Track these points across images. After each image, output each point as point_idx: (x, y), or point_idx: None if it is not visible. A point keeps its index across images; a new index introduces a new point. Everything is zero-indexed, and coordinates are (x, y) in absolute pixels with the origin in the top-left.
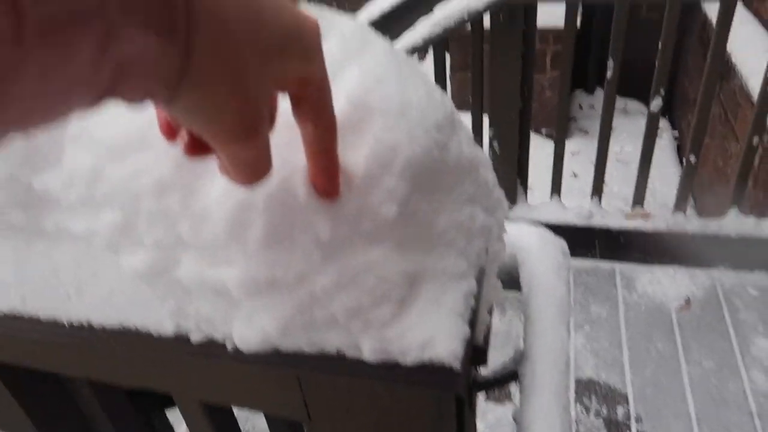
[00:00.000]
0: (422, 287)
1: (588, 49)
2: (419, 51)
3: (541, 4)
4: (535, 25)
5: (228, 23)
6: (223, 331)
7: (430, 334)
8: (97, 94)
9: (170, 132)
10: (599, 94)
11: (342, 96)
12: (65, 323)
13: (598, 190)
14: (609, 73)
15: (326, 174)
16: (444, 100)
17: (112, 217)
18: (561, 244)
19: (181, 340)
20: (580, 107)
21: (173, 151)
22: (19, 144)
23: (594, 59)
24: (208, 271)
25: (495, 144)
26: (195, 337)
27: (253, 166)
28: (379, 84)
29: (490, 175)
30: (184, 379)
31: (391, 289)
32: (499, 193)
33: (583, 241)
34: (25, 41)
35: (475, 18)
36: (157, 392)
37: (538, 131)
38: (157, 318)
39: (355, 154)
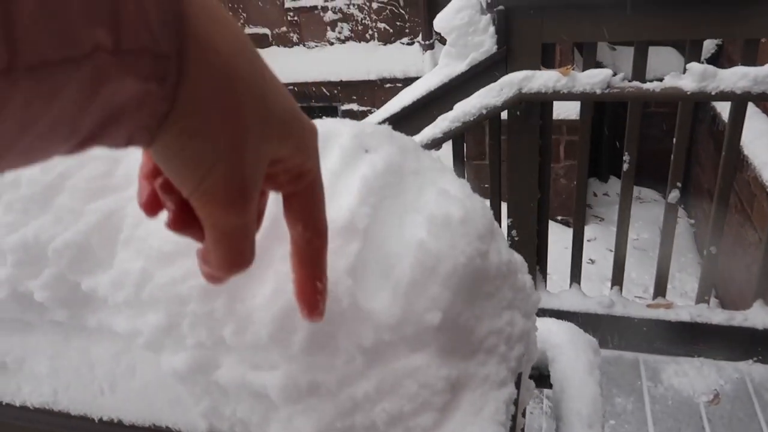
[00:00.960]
0: (464, 394)
1: (600, 138)
2: (437, 143)
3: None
4: (551, 119)
5: (234, 81)
6: None
7: None
8: (79, 138)
9: (153, 205)
10: (612, 182)
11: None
12: (95, 419)
13: (618, 280)
14: (625, 167)
15: (312, 287)
16: (484, 210)
17: (156, 318)
18: (592, 342)
19: None
20: (594, 195)
21: None
22: (72, 246)
23: (606, 148)
24: (249, 374)
25: (514, 233)
26: None
27: (236, 244)
28: (424, 197)
29: (527, 279)
30: None
31: (434, 395)
32: (536, 296)
33: (604, 330)
34: (13, 73)
35: (494, 113)
36: None
37: (552, 218)
38: (190, 418)
39: (404, 260)
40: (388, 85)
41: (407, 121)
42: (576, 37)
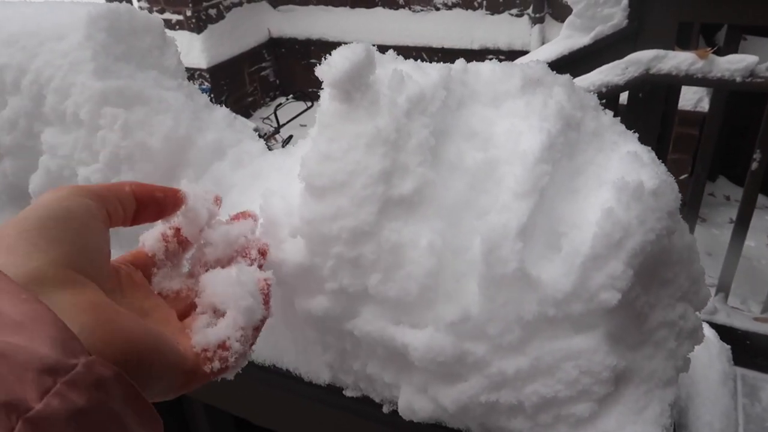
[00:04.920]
0: (627, 389)
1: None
2: None
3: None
4: (676, 106)
5: None
6: (382, 394)
7: None
8: None
9: None
10: (721, 183)
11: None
12: None
13: (725, 287)
14: (754, 165)
15: None
16: (673, 182)
17: (298, 256)
18: (725, 349)
19: (333, 392)
20: None
21: (376, 199)
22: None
23: (719, 145)
24: (390, 329)
25: None
26: (350, 393)
27: None
28: (606, 160)
29: (701, 270)
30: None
31: (595, 385)
32: (706, 291)
33: None
34: None
35: (614, 93)
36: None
37: None
38: (315, 366)
39: (579, 228)
40: (490, 57)
41: None
42: (722, 18)
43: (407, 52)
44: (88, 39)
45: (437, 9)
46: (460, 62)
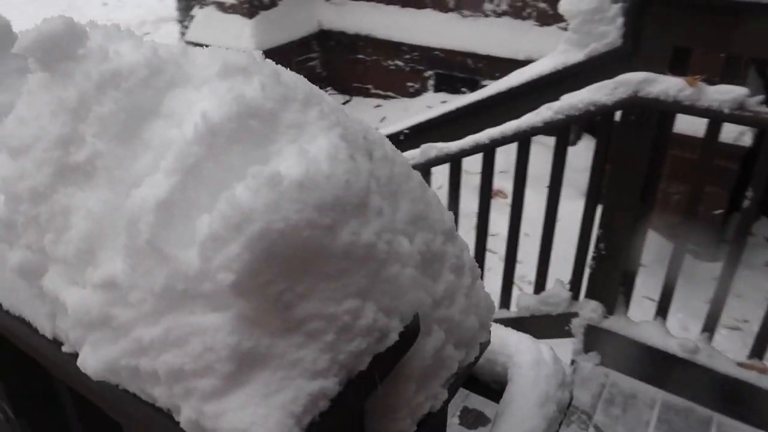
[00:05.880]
0: (259, 372)
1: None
2: (537, 132)
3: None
4: (670, 132)
5: None
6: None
7: (246, 425)
8: None
9: None
10: (763, 222)
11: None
12: None
13: (710, 326)
14: (746, 203)
15: None
16: (350, 182)
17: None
18: (561, 372)
19: (56, 345)
20: (752, 234)
21: (52, 163)
22: None
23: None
24: (63, 288)
25: (601, 245)
26: (66, 348)
27: None
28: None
29: (408, 275)
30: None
31: (217, 362)
32: (414, 296)
33: (681, 375)
34: None
35: (602, 112)
36: None
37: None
38: (40, 318)
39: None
40: None
41: (511, 103)
42: (713, 46)
43: (452, 56)
44: None
45: (486, 15)
46: (180, 45)
